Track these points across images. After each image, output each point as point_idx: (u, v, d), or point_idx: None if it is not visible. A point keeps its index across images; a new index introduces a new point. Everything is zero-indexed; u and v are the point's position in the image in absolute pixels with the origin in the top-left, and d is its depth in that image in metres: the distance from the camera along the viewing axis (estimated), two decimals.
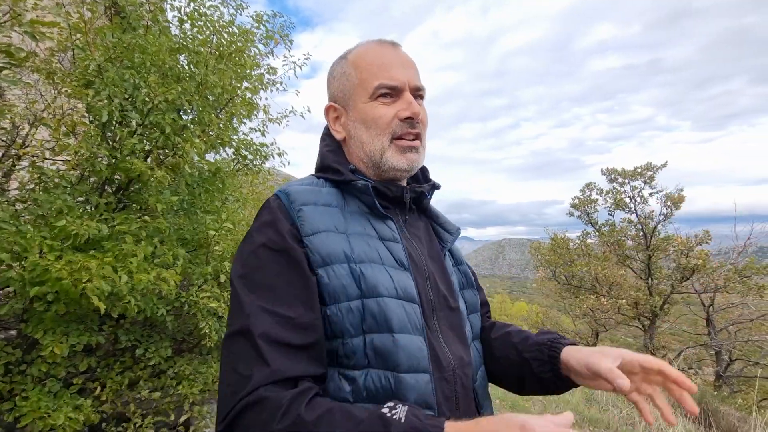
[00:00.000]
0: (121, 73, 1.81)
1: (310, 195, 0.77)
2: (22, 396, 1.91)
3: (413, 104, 0.79)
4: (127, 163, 1.78)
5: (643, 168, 11.80)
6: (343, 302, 0.69)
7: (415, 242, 0.84)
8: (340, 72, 0.84)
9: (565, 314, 14.24)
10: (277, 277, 0.68)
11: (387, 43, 0.84)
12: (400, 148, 0.80)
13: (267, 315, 0.65)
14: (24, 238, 1.83)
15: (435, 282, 0.81)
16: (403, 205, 0.86)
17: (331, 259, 0.70)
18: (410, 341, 0.70)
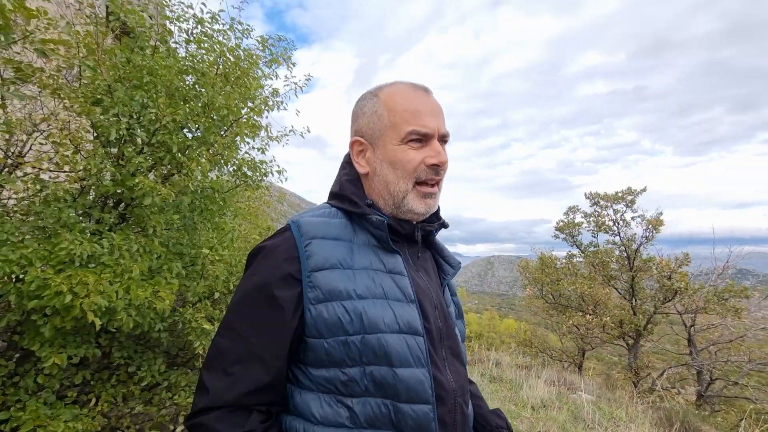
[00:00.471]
0: (131, 93, 1.88)
1: (321, 227, 0.81)
2: (17, 407, 1.91)
3: (441, 153, 0.84)
4: (132, 181, 1.83)
5: (624, 192, 12.22)
6: (341, 336, 0.73)
7: (423, 274, 0.88)
8: (372, 110, 0.86)
9: (553, 332, 14.35)
10: (255, 324, 0.75)
11: (420, 89, 0.87)
12: (422, 193, 0.84)
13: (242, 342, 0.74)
14: (27, 252, 1.86)
15: (443, 311, 0.87)
16: (412, 241, 0.90)
17: (332, 295, 0.74)
18: (411, 375, 0.73)
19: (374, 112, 0.86)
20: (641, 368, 10.38)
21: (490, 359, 7.58)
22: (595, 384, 7.73)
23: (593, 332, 11.16)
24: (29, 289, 1.82)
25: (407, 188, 0.84)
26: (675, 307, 10.21)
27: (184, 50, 2.50)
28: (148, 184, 1.75)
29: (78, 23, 2.56)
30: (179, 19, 2.44)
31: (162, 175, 2.12)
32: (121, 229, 2.18)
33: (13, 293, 1.88)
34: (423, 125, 0.82)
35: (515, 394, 5.58)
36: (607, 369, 15.32)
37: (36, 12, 1.92)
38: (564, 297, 12.52)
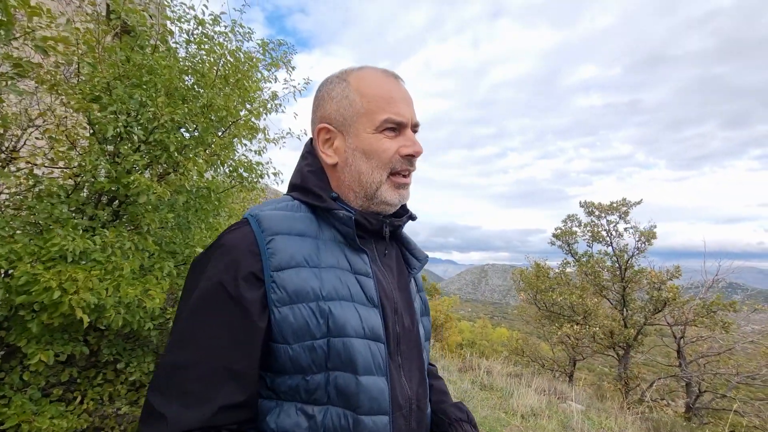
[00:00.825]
0: (130, 92, 1.89)
1: (284, 222, 0.74)
2: (1, 403, 1.89)
3: (417, 143, 0.80)
4: (128, 178, 1.84)
5: (619, 203, 12.38)
6: (307, 341, 0.68)
7: (387, 273, 0.84)
8: (341, 95, 0.80)
9: (545, 341, 14.40)
10: (219, 331, 0.66)
11: (391, 76, 0.83)
12: (396, 184, 0.81)
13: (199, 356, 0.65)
14: (17, 246, 1.85)
15: (401, 315, 0.82)
16: (379, 236, 0.85)
17: (298, 297, 0.69)
18: (373, 383, 0.70)
19: (344, 96, 0.80)
20: (631, 379, 10.43)
21: (481, 367, 7.58)
22: (585, 394, 7.76)
23: (583, 342, 11.22)
24: (18, 284, 1.81)
25: (381, 179, 0.79)
26: (666, 319, 10.30)
27: (184, 51, 2.52)
28: (144, 182, 1.75)
29: (78, 20, 2.57)
30: (180, 20, 2.46)
31: (158, 173, 2.13)
32: (114, 226, 2.18)
33: (1, 288, 1.87)
34: (398, 113, 0.78)
35: (505, 402, 5.58)
36: (598, 380, 15.38)
37: (38, 9, 1.93)
38: (556, 305, 12.60)
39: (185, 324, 0.67)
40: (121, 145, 2.03)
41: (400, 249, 0.94)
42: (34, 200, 2.15)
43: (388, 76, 0.82)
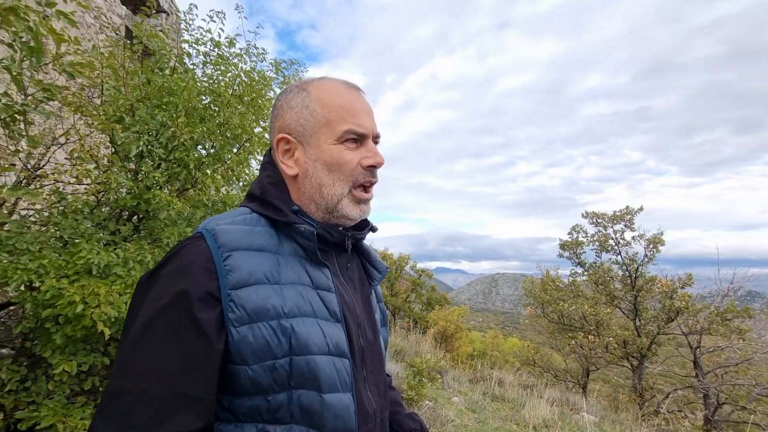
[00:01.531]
0: (152, 113, 1.99)
1: (243, 237, 0.71)
2: (30, 409, 1.97)
3: (378, 154, 0.79)
4: (149, 195, 1.93)
5: (623, 212, 12.29)
6: (268, 361, 0.65)
7: (350, 287, 0.83)
8: (301, 105, 0.78)
9: (557, 352, 14.19)
10: (171, 355, 0.61)
11: (353, 87, 0.82)
12: (357, 199, 0.79)
13: (146, 382, 0.59)
14: (44, 261, 1.95)
15: (365, 328, 0.82)
16: (341, 249, 0.84)
17: (258, 315, 0.66)
18: (339, 401, 0.69)
19: (305, 106, 0.78)
20: (646, 390, 10.21)
21: (492, 378, 7.51)
22: (599, 405, 7.62)
23: (596, 352, 11.03)
24: (44, 297, 1.91)
25: (343, 192, 0.77)
26: (680, 328, 10.10)
27: (201, 71, 2.64)
28: (165, 198, 1.84)
29: (101, 44, 2.71)
30: (198, 43, 2.58)
31: (176, 189, 2.22)
32: (134, 240, 2.27)
33: (29, 301, 1.96)
34: (360, 125, 0.77)
35: (517, 413, 5.52)
36: (613, 391, 15.05)
37: (66, 37, 2.06)
38: (567, 317, 12.44)
39: (131, 348, 0.61)
40: (142, 163, 2.13)
41: (361, 261, 0.92)
42: (59, 216, 2.26)
43: (349, 87, 0.81)
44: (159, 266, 0.68)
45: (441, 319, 15.01)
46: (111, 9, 5.82)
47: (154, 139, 2.11)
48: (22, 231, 2.15)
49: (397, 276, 17.27)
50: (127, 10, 6.46)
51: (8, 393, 2.08)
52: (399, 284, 17.37)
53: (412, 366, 5.71)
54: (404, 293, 17.46)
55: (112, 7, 5.94)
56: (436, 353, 9.16)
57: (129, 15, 6.51)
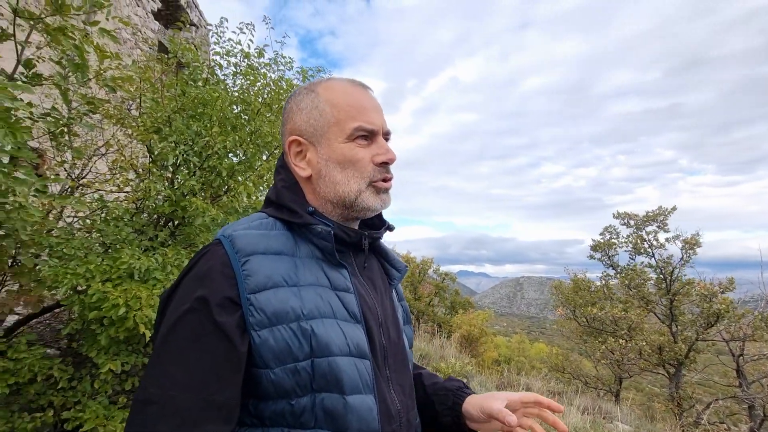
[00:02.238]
0: (188, 123, 2.08)
1: (260, 241, 0.72)
2: (76, 408, 2.07)
3: (390, 150, 0.79)
4: (185, 202, 2.00)
5: (655, 213, 11.78)
6: (289, 364, 0.65)
7: (369, 286, 0.82)
8: (311, 106, 0.79)
9: (587, 358, 13.75)
10: (196, 361, 0.62)
11: (359, 85, 0.82)
12: (378, 189, 0.79)
13: (175, 391, 0.59)
14: (91, 266, 2.06)
15: (387, 327, 0.81)
16: (358, 249, 0.83)
17: (278, 319, 0.66)
18: (361, 402, 0.68)
19: (314, 107, 0.78)
20: (684, 399, 9.73)
21: (520, 384, 7.35)
22: (633, 414, 7.32)
23: (629, 358, 10.61)
24: (91, 300, 2.01)
25: (360, 188, 0.77)
26: (720, 335, 9.59)
27: (231, 81, 2.74)
28: (200, 205, 1.91)
29: (138, 59, 2.85)
30: (228, 54, 2.67)
31: (210, 196, 2.30)
32: (171, 246, 2.37)
33: (77, 304, 2.07)
34: (369, 121, 0.77)
35: None
36: (647, 400, 14.44)
37: (109, 53, 2.18)
38: (597, 320, 12.03)
39: (157, 356, 0.63)
40: (178, 171, 2.22)
41: (380, 260, 0.92)
42: (101, 223, 2.38)
43: (356, 85, 0.82)
44: (181, 275, 0.70)
45: (465, 323, 14.82)
46: (145, 24, 6.10)
47: (189, 148, 2.20)
48: (69, 237, 2.28)
49: (421, 279, 17.19)
50: (159, 25, 6.76)
51: (58, 391, 2.21)
52: (422, 288, 17.28)
53: (438, 371, 5.66)
54: (427, 297, 17.35)
55: (146, 23, 6.23)
56: (461, 358, 9.05)
57: (161, 29, 6.81)
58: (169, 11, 7.71)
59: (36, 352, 2.10)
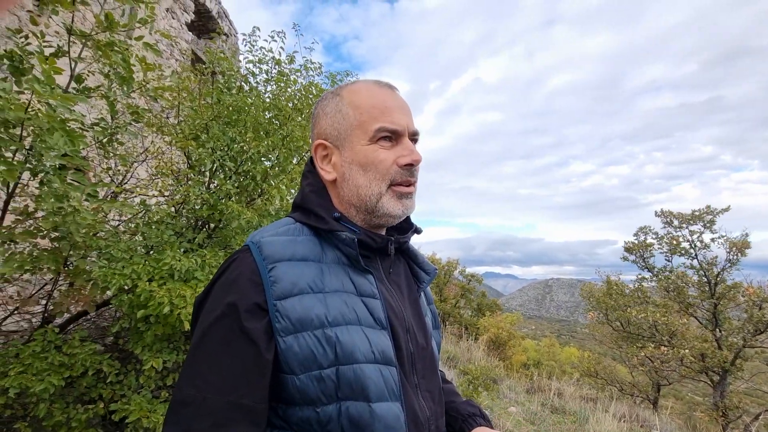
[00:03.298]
0: (225, 130, 2.17)
1: (286, 247, 0.72)
2: (122, 401, 2.20)
3: (415, 152, 0.77)
4: (222, 205, 2.08)
5: (702, 212, 11.14)
6: (314, 371, 0.66)
7: (395, 292, 0.81)
8: (335, 109, 0.79)
9: (621, 363, 13.21)
10: (226, 365, 0.64)
11: (385, 86, 0.81)
12: (398, 194, 0.77)
13: (209, 393, 0.62)
14: (137, 267, 2.18)
15: (414, 333, 0.80)
16: (385, 254, 0.83)
17: (303, 325, 0.66)
18: (388, 410, 0.68)
19: (338, 111, 0.79)
20: (730, 409, 9.18)
21: (551, 389, 7.17)
22: (673, 424, 6.99)
23: (669, 365, 10.11)
24: (138, 300, 2.12)
25: (381, 191, 0.76)
26: None
27: (263, 88, 2.83)
28: (237, 209, 1.98)
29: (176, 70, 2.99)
30: (260, 62, 2.76)
31: (245, 200, 2.39)
32: (209, 247, 2.47)
33: (126, 303, 2.19)
34: (392, 122, 0.76)
35: (580, 427, 5.22)
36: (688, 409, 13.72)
37: (152, 65, 2.31)
38: (633, 325, 11.54)
39: (191, 358, 0.66)
40: (215, 176, 2.31)
41: (408, 263, 0.91)
42: (144, 227, 2.51)
43: (381, 86, 0.81)
44: (212, 281, 0.73)
45: (492, 325, 14.58)
46: (180, 35, 6.38)
47: (225, 153, 2.28)
48: (116, 240, 2.42)
49: (446, 281, 17.04)
50: (192, 35, 7.04)
51: (107, 385, 2.35)
52: (448, 289, 17.13)
53: (466, 373, 5.61)
54: (453, 299, 17.18)
55: (181, 34, 6.51)
56: (489, 361, 8.91)
57: (194, 39, 7.09)
58: (201, 22, 8.03)
59: (87, 348, 2.24)
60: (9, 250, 2.05)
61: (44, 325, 2.40)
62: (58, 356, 2.11)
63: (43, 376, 2.01)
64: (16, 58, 1.89)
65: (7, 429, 2.22)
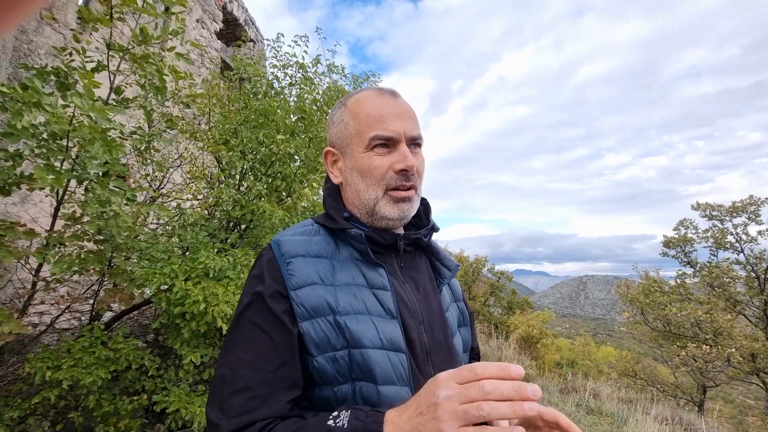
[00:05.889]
0: (255, 133, 2.24)
1: (301, 245, 0.79)
2: (163, 393, 2.33)
3: (408, 157, 0.79)
4: (253, 206, 2.16)
5: (745, 202, 10.39)
6: (329, 352, 0.71)
7: (410, 286, 0.84)
8: (339, 119, 0.85)
9: (662, 364, 12.60)
10: (258, 341, 0.71)
11: (386, 93, 0.85)
12: (394, 199, 0.81)
13: (245, 370, 0.68)
14: (175, 267, 2.29)
15: (430, 325, 0.82)
16: (397, 250, 0.86)
17: (316, 312, 0.72)
18: (395, 393, 0.71)
19: (341, 120, 0.85)
20: None
21: (586, 389, 6.94)
22: (722, 428, 6.60)
23: (715, 366, 9.55)
24: (175, 298, 2.24)
25: (377, 195, 0.81)
26: None
27: (288, 92, 2.90)
28: (268, 209, 2.05)
29: (207, 78, 3.11)
30: (285, 66, 2.83)
31: (275, 199, 2.46)
32: (240, 247, 2.57)
33: (164, 301, 2.32)
34: (386, 129, 0.79)
35: (618, 429, 5.03)
36: (738, 413, 12.93)
37: (184, 74, 2.42)
38: (674, 324, 10.97)
39: (226, 345, 0.73)
40: (246, 178, 2.39)
41: (430, 259, 0.94)
42: (180, 229, 2.64)
43: (382, 94, 0.84)
44: (248, 277, 0.80)
45: (523, 323, 14.26)
46: (209, 44, 6.62)
47: (254, 156, 2.36)
48: (155, 242, 2.56)
49: (475, 279, 16.81)
50: (221, 43, 7.29)
51: (149, 378, 2.49)
52: (476, 287, 16.88)
53: None
54: (482, 297, 16.92)
55: (210, 43, 6.75)
56: (520, 360, 8.73)
57: (223, 47, 7.33)
58: (229, 30, 8.29)
59: (130, 344, 2.38)
60: (59, 253, 2.21)
61: (92, 323, 2.57)
62: (104, 351, 2.25)
63: (92, 369, 2.15)
64: (62, 74, 2.03)
65: (61, 418, 2.40)
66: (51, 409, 2.35)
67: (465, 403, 0.50)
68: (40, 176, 1.70)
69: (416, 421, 0.54)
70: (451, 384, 0.53)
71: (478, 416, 0.49)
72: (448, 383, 0.53)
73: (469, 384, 0.52)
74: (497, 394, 0.50)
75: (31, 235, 2.15)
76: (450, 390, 0.52)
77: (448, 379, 0.54)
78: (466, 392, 0.51)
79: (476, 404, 0.49)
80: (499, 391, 0.50)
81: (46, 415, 2.37)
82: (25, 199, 4.08)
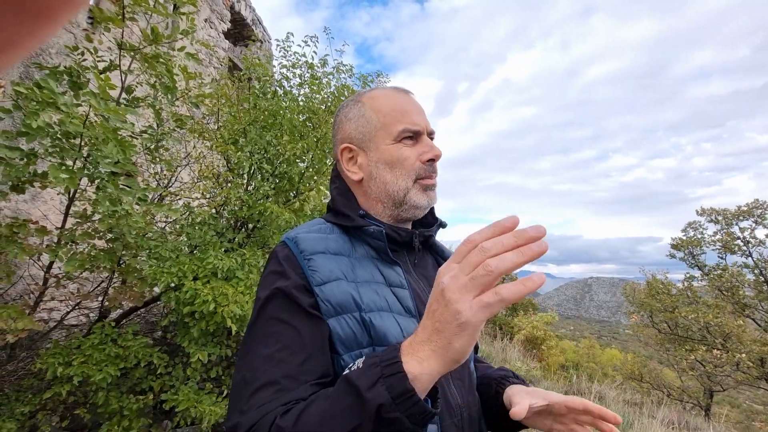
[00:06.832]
0: (262, 134, 2.25)
1: (319, 242, 0.78)
2: (171, 392, 2.34)
3: (435, 147, 0.84)
4: (261, 207, 2.16)
5: (751, 206, 10.28)
6: (355, 350, 0.70)
7: (423, 284, 0.86)
8: (358, 115, 0.85)
9: (669, 367, 12.49)
10: (281, 332, 0.68)
11: (402, 91, 0.88)
12: (424, 186, 0.83)
13: (267, 366, 0.65)
14: (183, 267, 2.31)
15: None
16: (411, 248, 0.87)
17: (342, 308, 0.71)
18: None
19: (361, 116, 0.85)
20: None
21: (591, 392, 6.90)
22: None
23: (723, 370, 9.45)
24: (185, 297, 2.25)
25: (408, 185, 0.82)
26: None
27: (297, 91, 2.91)
28: (275, 210, 2.06)
29: (215, 77, 3.13)
30: (294, 66, 2.84)
31: (282, 200, 2.47)
32: (248, 246, 2.58)
33: (173, 299, 2.33)
34: (413, 123, 0.83)
35: None
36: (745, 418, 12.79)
37: (193, 74, 2.43)
38: (682, 327, 10.86)
39: (244, 343, 0.71)
40: (253, 178, 2.40)
41: (435, 258, 0.95)
42: (188, 228, 2.65)
43: (398, 91, 0.88)
44: (261, 278, 0.78)
45: (527, 324, 14.18)
46: (217, 44, 6.65)
47: (262, 156, 2.36)
48: (164, 241, 2.57)
49: None
50: (229, 43, 7.32)
51: (157, 376, 2.50)
52: None
53: None
54: None
55: (218, 42, 6.78)
56: (525, 362, 8.69)
57: (231, 47, 7.37)
58: (236, 29, 8.33)
59: (139, 341, 2.40)
60: (71, 251, 2.23)
61: (101, 320, 2.59)
62: (114, 348, 2.27)
63: (102, 366, 2.17)
64: (75, 73, 2.05)
65: (69, 414, 2.42)
66: (60, 404, 2.38)
67: (470, 273, 0.48)
68: (55, 175, 1.72)
69: (431, 322, 0.53)
70: (450, 266, 0.51)
71: (486, 276, 0.47)
72: (446, 268, 0.51)
73: (469, 254, 0.49)
74: (499, 247, 0.47)
75: (43, 233, 2.17)
76: (451, 270, 0.50)
77: (446, 264, 0.52)
78: (468, 261, 0.49)
79: (481, 266, 0.47)
80: (500, 244, 0.47)
81: (55, 410, 2.40)
82: (35, 196, 4.13)
